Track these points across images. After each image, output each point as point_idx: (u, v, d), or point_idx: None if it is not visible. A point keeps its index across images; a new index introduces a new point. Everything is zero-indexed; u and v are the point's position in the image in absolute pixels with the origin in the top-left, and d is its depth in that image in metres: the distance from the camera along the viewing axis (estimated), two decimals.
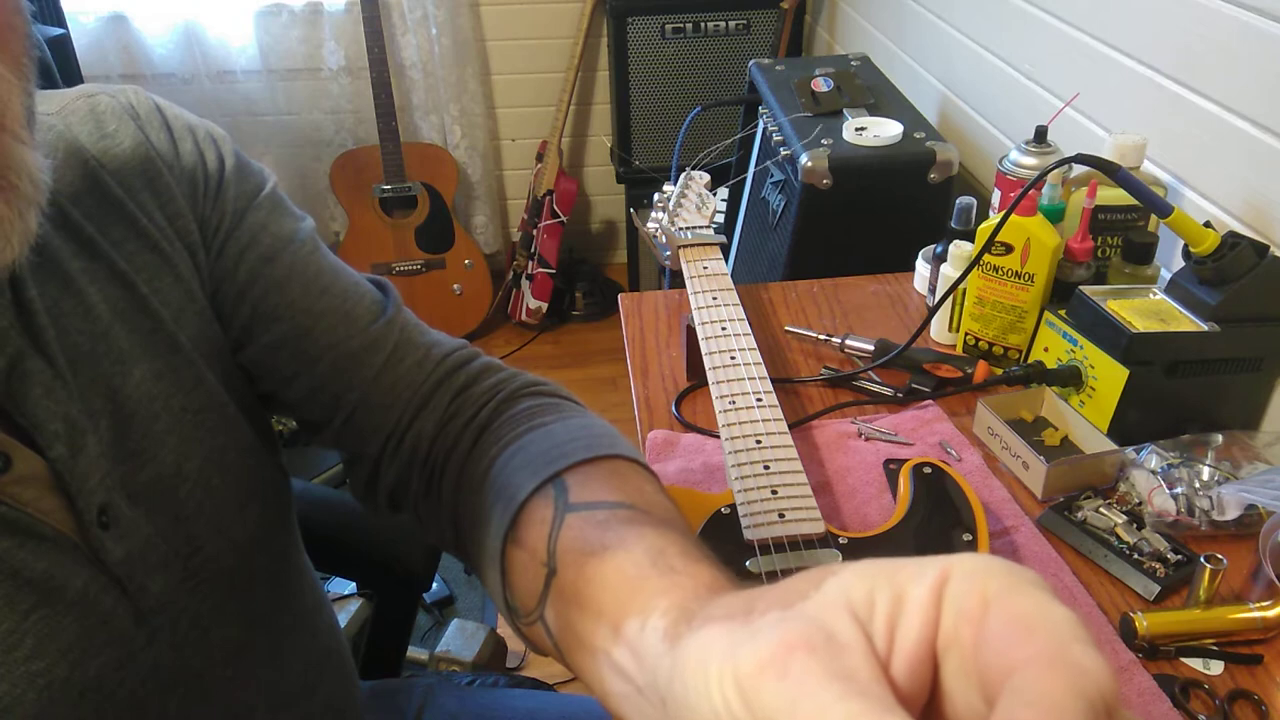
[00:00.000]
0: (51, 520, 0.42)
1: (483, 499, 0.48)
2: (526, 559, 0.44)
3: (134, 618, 0.45)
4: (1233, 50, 0.85)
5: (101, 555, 0.44)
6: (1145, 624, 0.62)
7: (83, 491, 0.43)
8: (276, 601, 0.57)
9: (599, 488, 0.44)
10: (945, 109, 1.46)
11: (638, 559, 0.38)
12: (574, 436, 0.48)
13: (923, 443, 0.81)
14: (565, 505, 0.44)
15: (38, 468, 0.42)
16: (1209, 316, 0.77)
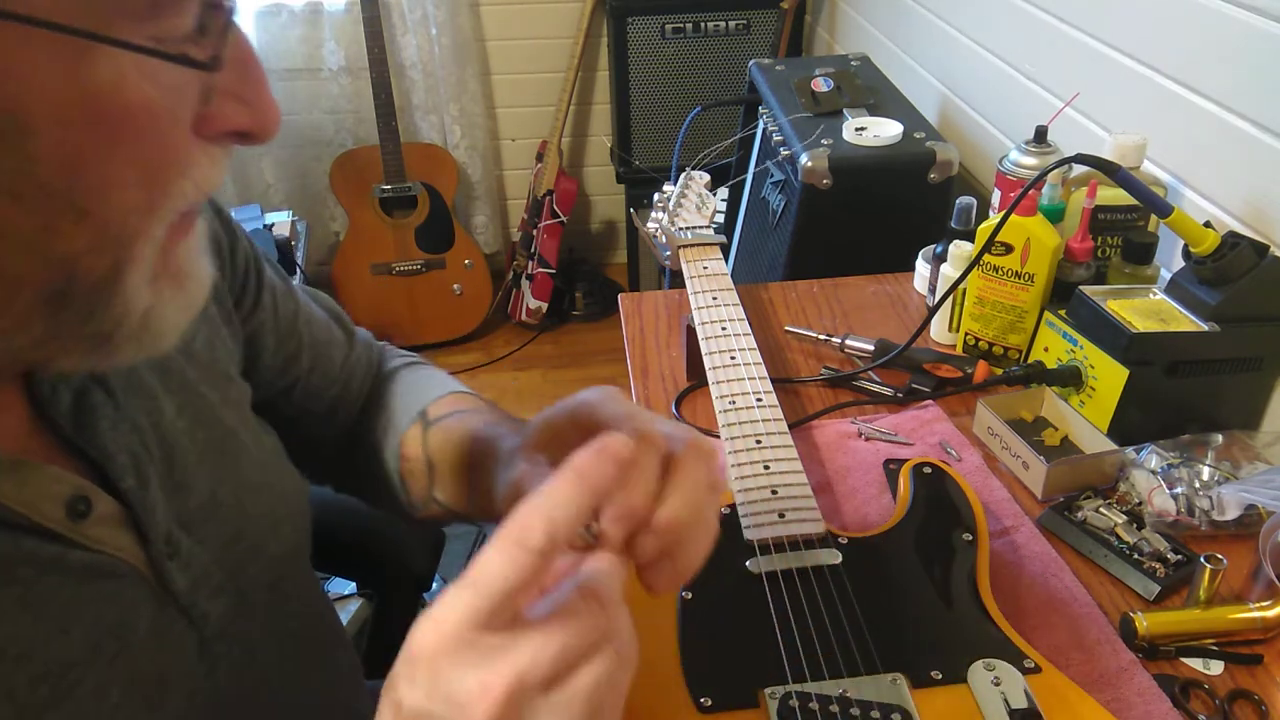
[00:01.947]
0: (125, 556, 0.42)
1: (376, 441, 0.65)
2: (412, 466, 0.62)
3: (198, 648, 0.45)
4: (1233, 50, 0.85)
5: (170, 587, 0.44)
6: (1145, 624, 0.62)
7: (152, 523, 0.43)
8: (305, 616, 0.58)
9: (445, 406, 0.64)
10: (945, 109, 1.46)
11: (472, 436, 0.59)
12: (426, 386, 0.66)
13: (923, 443, 0.81)
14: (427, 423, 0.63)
15: (112, 506, 0.42)
16: (1209, 316, 0.77)
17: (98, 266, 0.33)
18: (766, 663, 0.54)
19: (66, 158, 0.30)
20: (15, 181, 0.29)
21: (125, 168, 0.32)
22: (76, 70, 0.29)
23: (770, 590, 0.59)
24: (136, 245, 0.33)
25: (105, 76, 0.30)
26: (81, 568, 0.40)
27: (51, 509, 0.39)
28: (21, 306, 0.32)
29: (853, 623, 0.57)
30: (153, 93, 0.31)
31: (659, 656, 0.55)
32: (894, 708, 0.51)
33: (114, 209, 0.32)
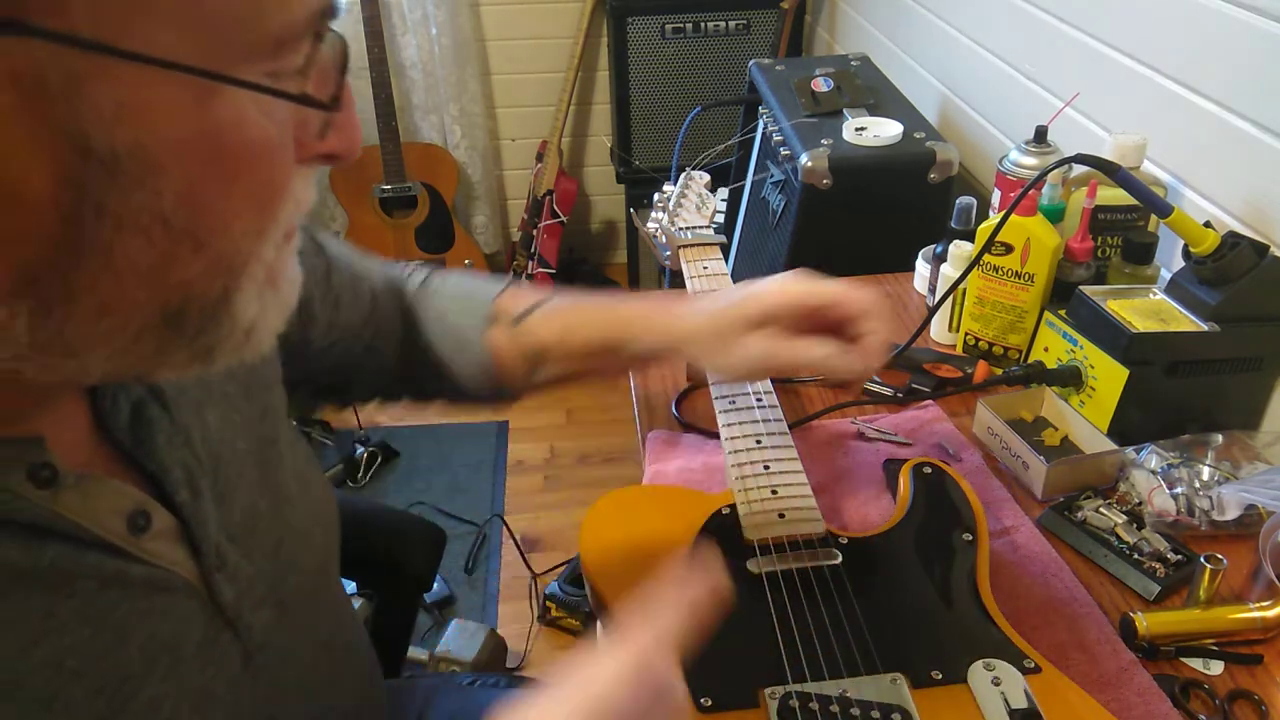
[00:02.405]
0: (179, 570, 0.42)
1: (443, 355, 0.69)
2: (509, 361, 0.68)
3: (242, 659, 0.45)
4: (1233, 50, 0.85)
5: (218, 599, 0.44)
6: (1145, 624, 0.62)
7: (205, 536, 0.43)
8: (336, 623, 0.58)
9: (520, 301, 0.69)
10: (945, 109, 1.46)
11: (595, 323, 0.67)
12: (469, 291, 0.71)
13: (923, 443, 0.81)
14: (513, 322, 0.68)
15: (168, 520, 0.42)
16: (1209, 316, 0.77)
17: (211, 290, 0.34)
18: (766, 663, 0.54)
19: (189, 193, 0.31)
20: (141, 217, 0.30)
21: (242, 199, 0.33)
22: (202, 109, 0.30)
23: (770, 590, 0.59)
24: (248, 268, 0.35)
25: (228, 114, 0.31)
26: (140, 582, 0.40)
27: (114, 523, 0.39)
28: (136, 328, 0.33)
29: (853, 623, 0.57)
30: (269, 128, 0.32)
31: None
32: (894, 708, 0.51)
33: (230, 238, 0.33)
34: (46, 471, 0.36)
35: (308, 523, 0.53)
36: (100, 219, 0.30)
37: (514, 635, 1.60)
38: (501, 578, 1.74)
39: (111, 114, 0.28)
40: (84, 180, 0.29)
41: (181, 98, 0.29)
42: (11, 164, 0.28)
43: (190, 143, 0.30)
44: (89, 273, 0.31)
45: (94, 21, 0.27)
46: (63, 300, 0.31)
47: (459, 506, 1.87)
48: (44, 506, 0.36)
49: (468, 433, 2.09)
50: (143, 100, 0.29)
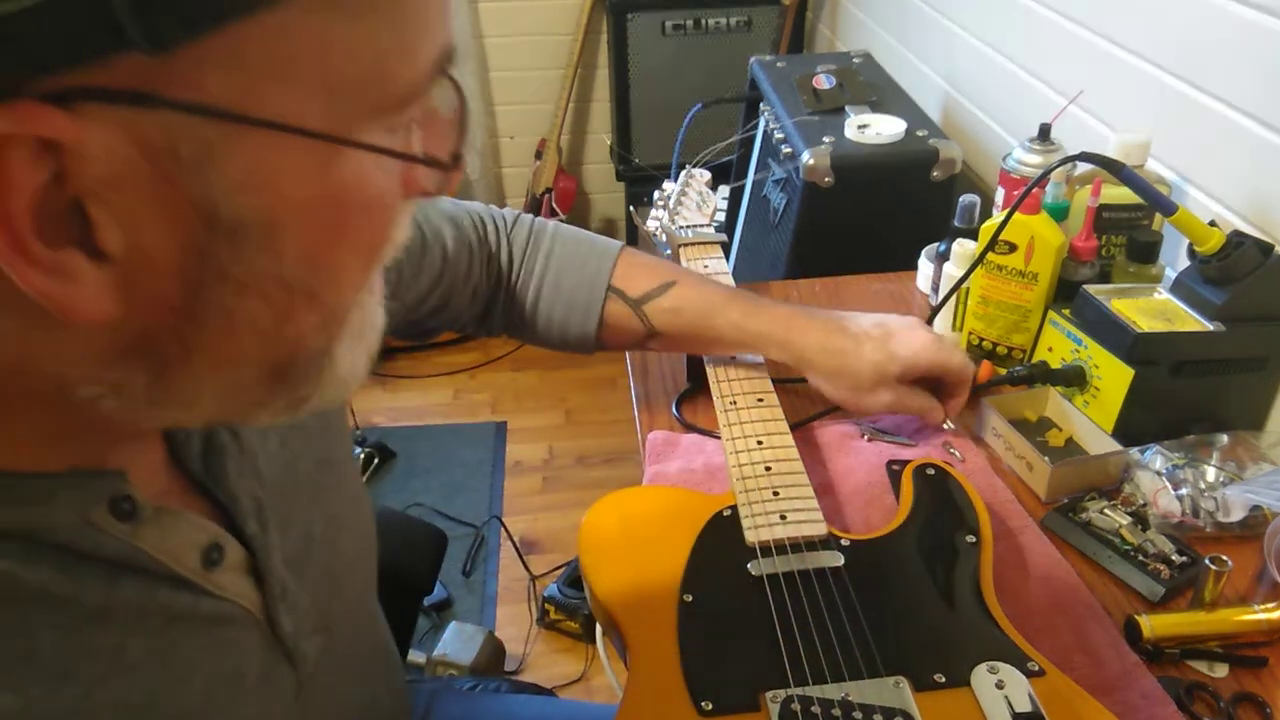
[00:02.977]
0: (244, 602, 0.42)
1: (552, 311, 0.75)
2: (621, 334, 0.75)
3: (295, 689, 0.45)
4: (1238, 48, 0.84)
5: (278, 630, 0.43)
6: (1150, 626, 0.61)
7: (270, 567, 0.43)
8: (375, 645, 0.57)
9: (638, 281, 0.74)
10: (948, 106, 1.46)
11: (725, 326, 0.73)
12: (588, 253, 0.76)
13: (926, 443, 0.80)
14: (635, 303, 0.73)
15: (239, 552, 0.41)
16: (1214, 316, 0.76)
17: (318, 342, 0.34)
18: (768, 666, 0.54)
19: (307, 252, 0.31)
20: (262, 280, 0.30)
21: (355, 253, 0.33)
22: (325, 171, 0.30)
23: (772, 593, 0.58)
24: (350, 318, 0.35)
25: (349, 174, 0.30)
26: (207, 616, 0.39)
27: (190, 557, 0.39)
28: (246, 382, 0.33)
29: (855, 626, 0.56)
30: (386, 182, 0.32)
31: (660, 660, 0.55)
32: (896, 711, 0.51)
33: (341, 290, 0.33)
34: (127, 504, 0.36)
35: (356, 547, 0.53)
36: (222, 284, 0.30)
37: (512, 638, 1.60)
38: (500, 580, 1.73)
39: (240, 182, 0.28)
40: (209, 248, 0.29)
41: (306, 161, 0.29)
42: (139, 233, 0.28)
43: (312, 204, 0.30)
44: (207, 334, 0.31)
45: (228, 90, 0.26)
46: (179, 360, 0.31)
47: (457, 508, 1.86)
48: (125, 541, 0.36)
49: (466, 433, 2.08)
50: (269, 166, 0.28)
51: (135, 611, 0.36)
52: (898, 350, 0.73)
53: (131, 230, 0.28)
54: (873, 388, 0.73)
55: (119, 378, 0.31)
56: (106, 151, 0.26)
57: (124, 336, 0.30)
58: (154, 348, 0.31)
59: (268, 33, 0.26)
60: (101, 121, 0.25)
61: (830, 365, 0.73)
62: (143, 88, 0.25)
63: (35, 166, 0.25)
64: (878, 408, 0.74)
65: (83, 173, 0.26)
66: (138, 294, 0.29)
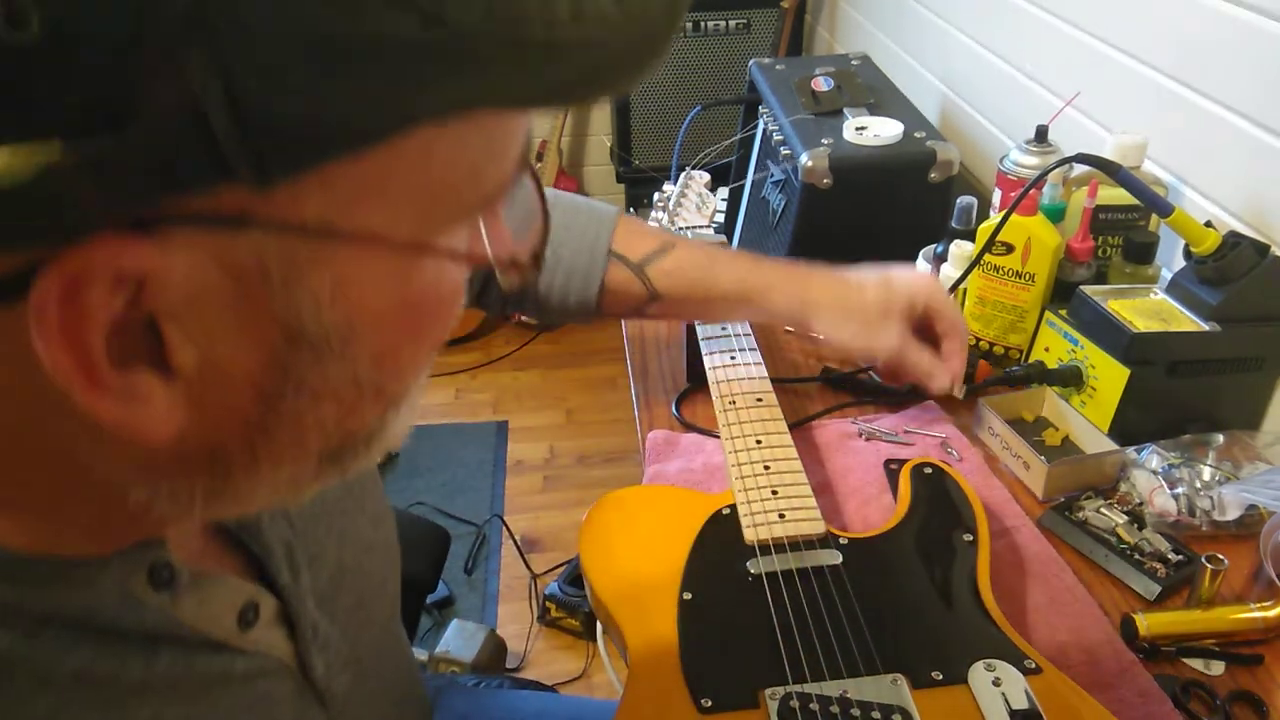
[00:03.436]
0: (278, 653, 0.41)
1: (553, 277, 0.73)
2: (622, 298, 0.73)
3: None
4: (1234, 49, 0.85)
5: (310, 674, 0.42)
6: (1146, 624, 0.62)
7: (302, 614, 0.42)
8: (401, 669, 0.57)
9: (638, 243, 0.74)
10: (946, 108, 1.46)
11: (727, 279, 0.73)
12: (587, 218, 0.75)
13: (923, 443, 0.80)
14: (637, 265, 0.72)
15: (272, 605, 0.41)
16: (1210, 316, 0.77)
17: (374, 428, 0.33)
18: (767, 663, 0.54)
19: (382, 354, 0.30)
20: (339, 386, 0.30)
21: (424, 347, 0.32)
22: (408, 278, 0.29)
23: (770, 591, 0.59)
24: (408, 398, 0.34)
25: (429, 276, 0.30)
26: (243, 675, 0.39)
27: (227, 621, 0.38)
28: (303, 474, 0.33)
29: (853, 623, 0.57)
30: (459, 276, 0.32)
31: (659, 657, 0.55)
32: (894, 708, 0.51)
33: (405, 382, 0.33)
34: (166, 572, 0.35)
35: (385, 568, 0.52)
36: (298, 394, 0.29)
37: (513, 636, 1.60)
38: (501, 578, 1.74)
39: (327, 297, 0.27)
40: (289, 362, 0.28)
41: (391, 270, 0.28)
42: (215, 350, 0.27)
43: (391, 310, 0.29)
44: (276, 441, 0.30)
45: (324, 209, 0.25)
46: (244, 467, 0.30)
47: (458, 507, 1.87)
48: (164, 613, 0.35)
49: (467, 433, 2.09)
50: (355, 278, 0.27)
51: (172, 683, 0.36)
52: (898, 286, 0.75)
53: (207, 348, 0.26)
54: (881, 321, 0.73)
55: (177, 487, 0.30)
56: (190, 275, 0.25)
57: (190, 448, 0.29)
58: (220, 458, 0.30)
59: (376, 156, 0.25)
60: (189, 247, 0.24)
61: (836, 306, 0.73)
62: (239, 213, 0.24)
63: (112, 296, 0.24)
64: (887, 345, 0.74)
65: (161, 296, 0.25)
66: (209, 408, 0.28)
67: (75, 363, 0.24)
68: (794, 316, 0.74)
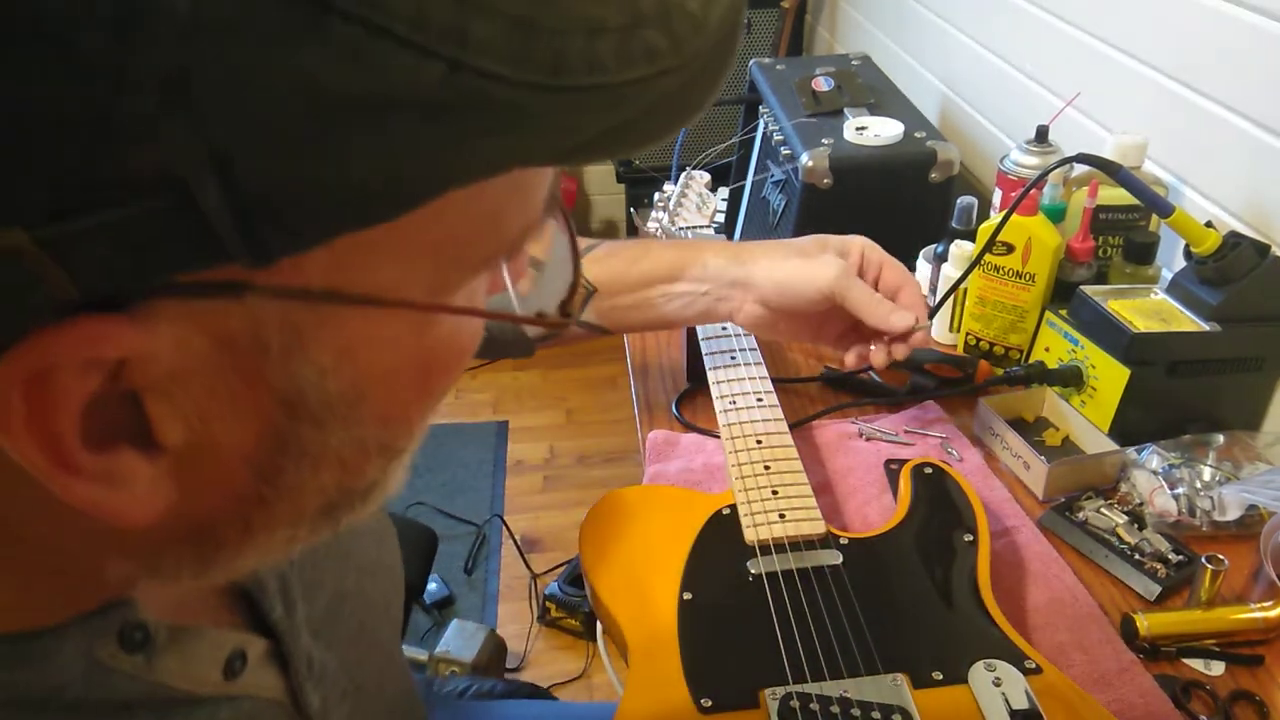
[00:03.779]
0: (269, 693, 0.38)
1: None
2: None
3: None
4: (1234, 50, 0.85)
5: (306, 710, 0.39)
6: (1146, 624, 0.62)
7: (296, 649, 0.39)
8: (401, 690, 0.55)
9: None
10: (946, 108, 1.46)
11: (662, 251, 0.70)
12: None
13: (923, 443, 0.80)
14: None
15: (262, 647, 0.37)
16: (1210, 316, 0.77)
17: (374, 478, 0.31)
18: (767, 663, 0.54)
19: (389, 414, 0.27)
20: (343, 451, 0.27)
21: (435, 399, 0.30)
22: (421, 336, 0.26)
23: (771, 591, 0.59)
24: (410, 450, 0.31)
25: (445, 332, 0.27)
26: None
27: (212, 676, 0.35)
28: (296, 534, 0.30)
29: (853, 623, 0.57)
30: (475, 328, 0.29)
31: (660, 657, 0.55)
32: (894, 708, 0.51)
33: (412, 436, 0.30)
34: (139, 633, 0.31)
35: (387, 593, 0.49)
36: (299, 467, 0.26)
37: (514, 636, 1.60)
38: (501, 578, 1.74)
39: (332, 364, 0.24)
40: (288, 433, 0.25)
41: (403, 330, 0.25)
42: (206, 425, 0.24)
43: (401, 369, 0.26)
44: (272, 512, 0.27)
45: (332, 273, 0.22)
46: (236, 540, 0.28)
47: (458, 506, 1.87)
48: (140, 678, 0.32)
49: (467, 433, 2.09)
50: (363, 341, 0.25)
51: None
52: (832, 235, 0.73)
53: (197, 423, 0.23)
54: (819, 252, 0.70)
55: (163, 561, 0.28)
56: (175, 349, 0.22)
57: (177, 526, 0.26)
58: (210, 533, 0.27)
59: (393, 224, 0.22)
60: (173, 320, 0.21)
61: (772, 251, 0.70)
62: (233, 283, 0.21)
63: (86, 378, 0.21)
64: (826, 274, 0.68)
65: (143, 372, 0.22)
66: (198, 485, 0.25)
67: (45, 453, 0.22)
68: (731, 273, 0.69)
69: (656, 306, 0.69)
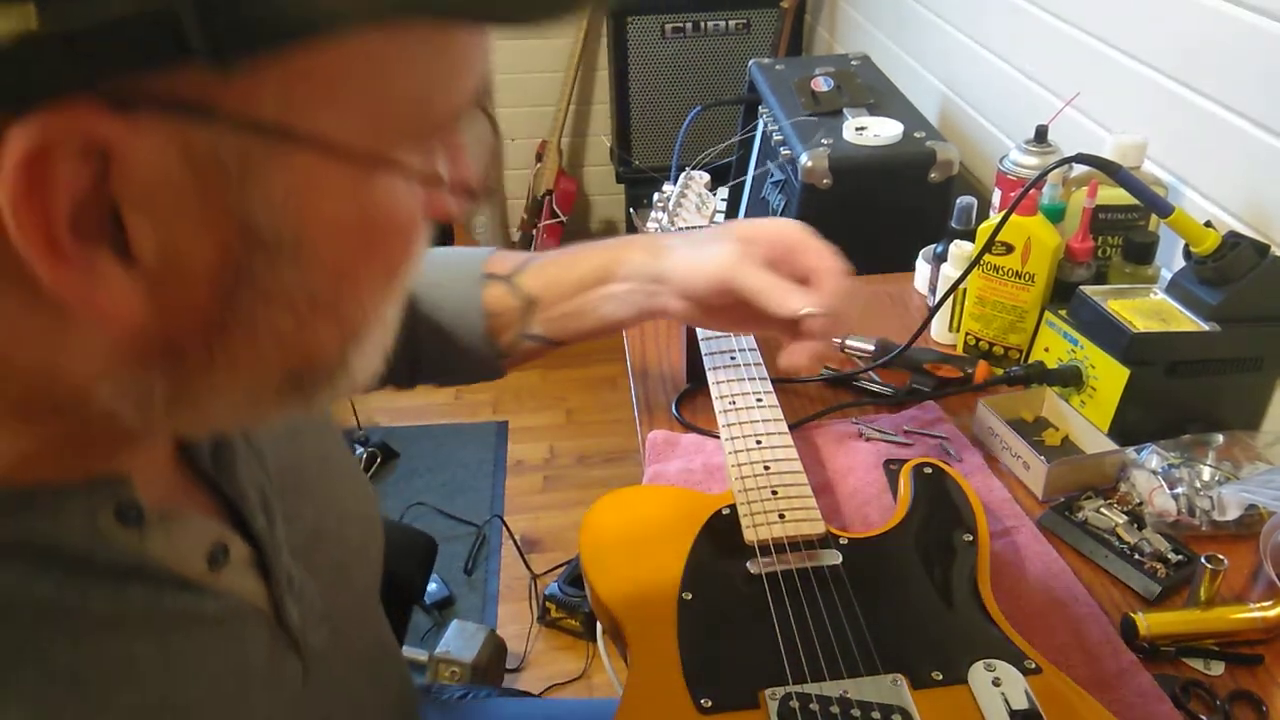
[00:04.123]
0: (251, 598, 0.41)
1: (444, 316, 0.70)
2: (505, 318, 0.69)
3: (302, 677, 0.45)
4: (1233, 50, 0.85)
5: (285, 621, 0.43)
6: (1146, 624, 0.62)
7: (277, 561, 0.43)
8: (379, 641, 0.57)
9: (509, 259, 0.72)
10: (946, 108, 1.46)
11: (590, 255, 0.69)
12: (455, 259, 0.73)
13: (923, 443, 0.81)
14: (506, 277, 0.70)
15: (244, 549, 0.41)
16: (1210, 316, 0.77)
17: (336, 353, 0.34)
18: (767, 664, 0.54)
19: (336, 270, 0.31)
20: (292, 294, 0.31)
21: (380, 271, 0.33)
22: (361, 191, 0.30)
23: (770, 591, 0.59)
24: (372, 330, 0.35)
25: (382, 195, 0.31)
26: (213, 616, 0.39)
27: (196, 560, 0.39)
28: (262, 391, 0.34)
29: (853, 623, 0.57)
30: (414, 204, 0.33)
31: (659, 657, 0.55)
32: (894, 708, 0.51)
33: (364, 306, 0.34)
34: (133, 511, 0.36)
35: (364, 538, 0.53)
36: (251, 294, 0.30)
37: (514, 636, 1.60)
38: (501, 578, 1.74)
39: (281, 198, 0.28)
40: (243, 260, 0.29)
41: (344, 180, 0.30)
42: (174, 241, 0.28)
43: (344, 222, 0.30)
44: (231, 343, 0.31)
45: (281, 108, 0.27)
46: (202, 368, 0.31)
47: (458, 507, 1.87)
48: (132, 548, 0.36)
49: (467, 433, 2.09)
50: (310, 183, 0.29)
51: (142, 618, 0.36)
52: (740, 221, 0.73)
53: (166, 238, 0.28)
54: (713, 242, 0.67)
55: (140, 387, 0.31)
56: (153, 160, 0.26)
57: (148, 342, 0.30)
58: (177, 355, 0.31)
59: (326, 56, 0.26)
60: (153, 131, 0.26)
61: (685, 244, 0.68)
62: (200, 100, 0.26)
63: (80, 169, 0.25)
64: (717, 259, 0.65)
65: (126, 179, 0.26)
66: (166, 300, 0.29)
67: (37, 225, 0.25)
68: (651, 268, 0.68)
69: (595, 310, 0.69)
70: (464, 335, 0.69)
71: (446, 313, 0.69)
